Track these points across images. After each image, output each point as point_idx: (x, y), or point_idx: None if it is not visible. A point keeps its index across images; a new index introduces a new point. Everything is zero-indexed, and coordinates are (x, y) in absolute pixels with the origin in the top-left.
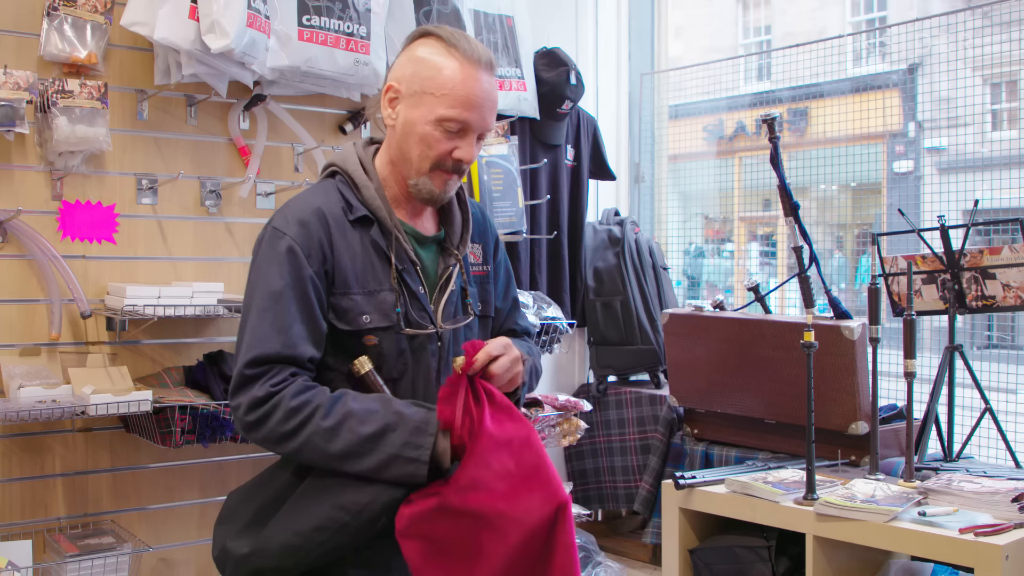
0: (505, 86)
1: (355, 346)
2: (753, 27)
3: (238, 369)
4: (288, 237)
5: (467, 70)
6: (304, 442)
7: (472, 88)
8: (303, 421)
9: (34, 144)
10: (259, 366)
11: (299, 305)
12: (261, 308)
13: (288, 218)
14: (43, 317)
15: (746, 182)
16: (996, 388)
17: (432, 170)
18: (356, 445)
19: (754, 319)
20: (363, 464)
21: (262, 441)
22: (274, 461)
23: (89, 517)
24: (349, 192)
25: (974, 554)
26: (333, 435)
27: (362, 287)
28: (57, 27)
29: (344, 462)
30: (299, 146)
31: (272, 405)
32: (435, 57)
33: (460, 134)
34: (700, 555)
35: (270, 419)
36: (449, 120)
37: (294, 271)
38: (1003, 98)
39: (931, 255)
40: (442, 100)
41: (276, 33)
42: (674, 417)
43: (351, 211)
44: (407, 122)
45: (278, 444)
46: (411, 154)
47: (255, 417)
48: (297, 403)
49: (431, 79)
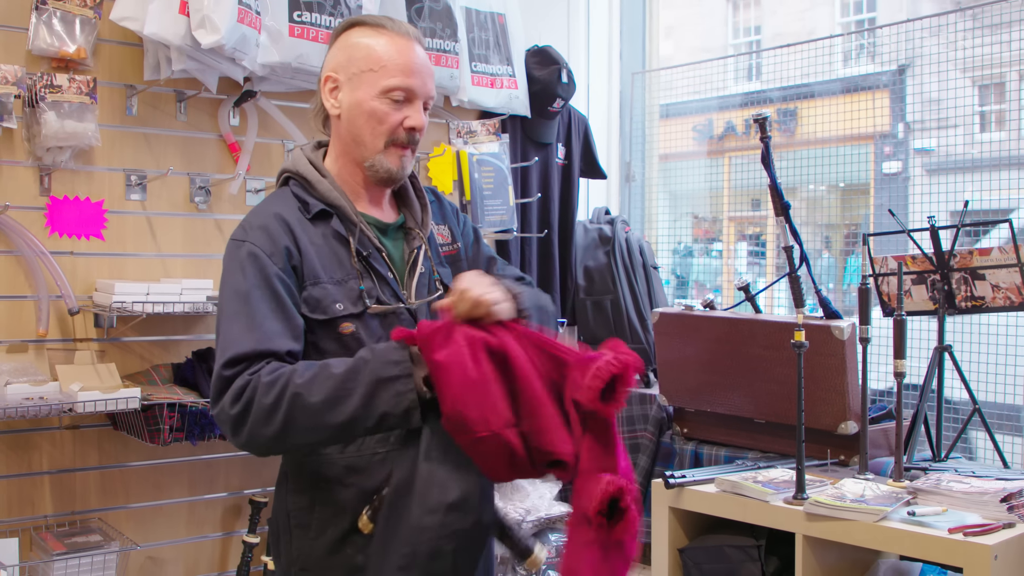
0: (496, 84)
1: (333, 339)
2: (743, 27)
3: (216, 373)
4: (248, 243)
5: (399, 42)
6: (289, 407)
7: (408, 56)
8: (281, 387)
9: (22, 139)
10: (236, 365)
11: (269, 303)
12: (231, 313)
13: (246, 227)
14: (30, 313)
15: (735, 182)
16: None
17: (387, 147)
18: (336, 388)
19: (744, 319)
20: (351, 404)
21: (253, 435)
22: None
23: (76, 515)
24: (303, 192)
25: (963, 554)
26: (311, 387)
27: (330, 277)
28: (46, 21)
29: (332, 411)
30: (289, 143)
31: (251, 388)
32: (366, 39)
33: (406, 102)
34: (690, 554)
35: (252, 402)
36: (394, 89)
37: (258, 272)
38: (991, 100)
39: (921, 256)
40: (382, 73)
41: (267, 29)
42: (664, 416)
43: (308, 209)
44: (353, 105)
45: (267, 424)
46: (363, 134)
47: (239, 408)
48: (272, 377)
49: (367, 57)
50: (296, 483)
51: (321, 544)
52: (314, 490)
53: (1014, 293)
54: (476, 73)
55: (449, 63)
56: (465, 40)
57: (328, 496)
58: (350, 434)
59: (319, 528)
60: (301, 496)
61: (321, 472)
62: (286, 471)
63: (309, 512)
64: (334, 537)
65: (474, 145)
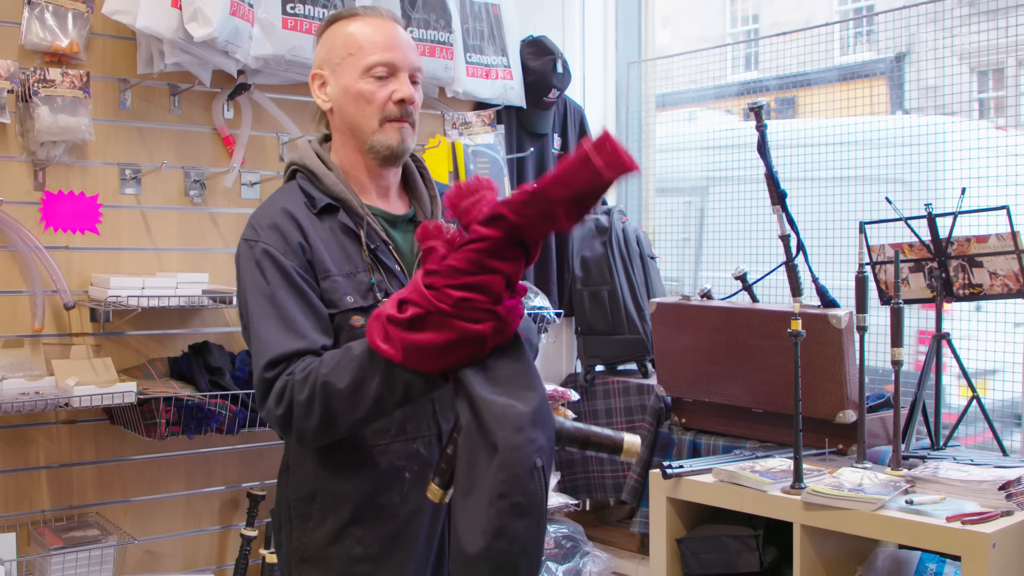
0: (491, 75)
1: (345, 333)
2: (740, 16)
3: (257, 376)
4: (260, 243)
5: (373, 22)
6: (323, 398)
7: (386, 33)
8: (312, 381)
9: (15, 134)
10: (275, 367)
11: (296, 300)
12: (261, 315)
13: (256, 227)
14: (26, 308)
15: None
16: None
17: (382, 124)
18: (358, 368)
19: (741, 308)
20: (374, 384)
21: (301, 430)
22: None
23: (74, 509)
24: (310, 186)
25: (962, 542)
26: (337, 373)
27: (340, 270)
28: (38, 15)
29: (359, 393)
30: (284, 135)
31: (290, 388)
32: (341, 28)
33: (391, 77)
34: (688, 544)
35: (292, 401)
36: (375, 66)
37: (278, 270)
38: (990, 87)
39: (918, 243)
40: (360, 53)
41: (260, 21)
42: (661, 407)
43: (314, 203)
44: (341, 93)
45: (308, 418)
46: (356, 118)
47: (283, 408)
48: (304, 373)
49: (345, 44)
50: (297, 474)
51: (321, 535)
52: (315, 481)
53: (1012, 280)
54: (471, 64)
55: (443, 54)
56: (459, 31)
57: (328, 487)
58: (384, 410)
59: (319, 519)
60: (301, 487)
61: (322, 463)
62: (287, 463)
63: (309, 503)
64: (334, 528)
65: (469, 136)
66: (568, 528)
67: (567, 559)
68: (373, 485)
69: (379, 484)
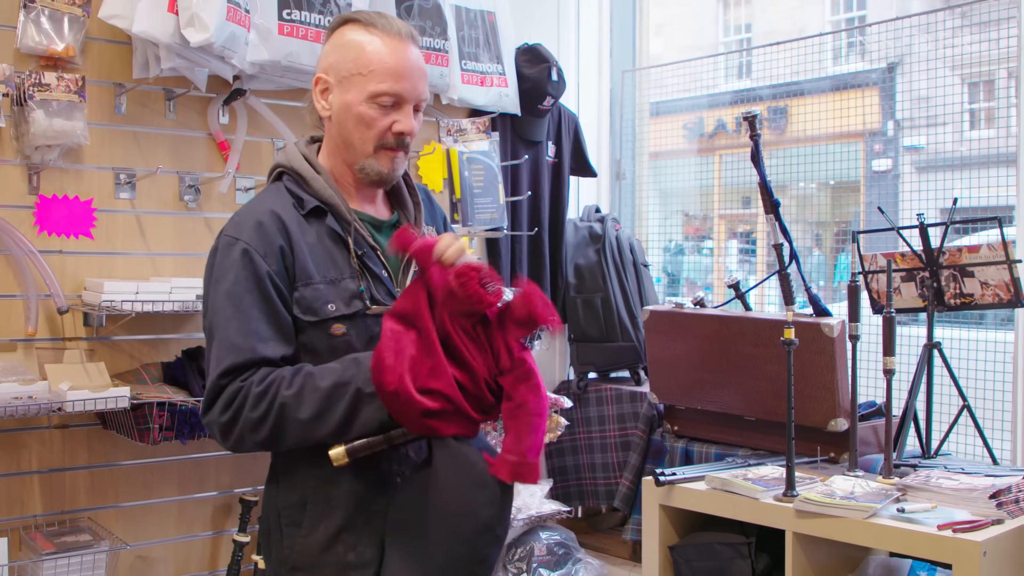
0: (486, 82)
1: (324, 341)
2: (733, 25)
3: (211, 381)
4: (241, 241)
5: (390, 44)
6: (276, 419)
7: (399, 59)
8: (271, 399)
9: (10, 138)
10: (230, 375)
11: (261, 307)
12: (225, 317)
13: (240, 224)
14: (19, 312)
15: (726, 180)
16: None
17: (376, 150)
18: (321, 401)
19: (734, 316)
20: (334, 417)
21: (239, 439)
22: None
23: (66, 514)
24: (297, 188)
25: (952, 550)
26: (299, 401)
27: (323, 277)
28: (34, 19)
29: (319, 425)
30: (279, 141)
31: (242, 397)
32: (357, 38)
33: (395, 107)
34: (680, 552)
35: (242, 411)
36: (382, 95)
37: (252, 274)
38: (981, 97)
39: (910, 253)
40: (371, 77)
41: (256, 27)
42: (654, 414)
43: (302, 205)
44: (342, 108)
45: (255, 432)
46: (352, 138)
47: (229, 416)
48: (262, 387)
49: (356, 60)
50: (286, 481)
51: (312, 542)
52: (305, 488)
53: (1003, 290)
54: (466, 71)
55: (439, 61)
56: (455, 38)
57: (320, 494)
58: (335, 442)
59: (310, 526)
60: (292, 494)
61: (312, 470)
62: (276, 469)
63: (301, 510)
64: (326, 535)
65: (464, 143)
66: (560, 535)
67: (559, 566)
68: (365, 491)
69: (371, 490)
